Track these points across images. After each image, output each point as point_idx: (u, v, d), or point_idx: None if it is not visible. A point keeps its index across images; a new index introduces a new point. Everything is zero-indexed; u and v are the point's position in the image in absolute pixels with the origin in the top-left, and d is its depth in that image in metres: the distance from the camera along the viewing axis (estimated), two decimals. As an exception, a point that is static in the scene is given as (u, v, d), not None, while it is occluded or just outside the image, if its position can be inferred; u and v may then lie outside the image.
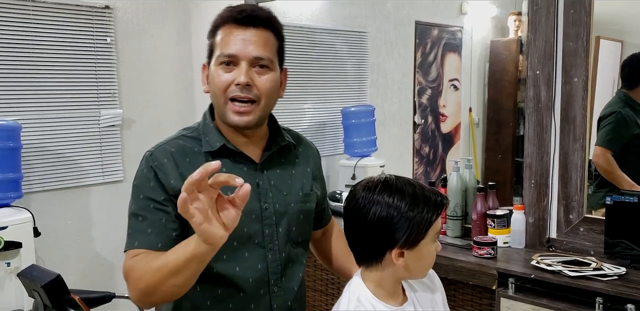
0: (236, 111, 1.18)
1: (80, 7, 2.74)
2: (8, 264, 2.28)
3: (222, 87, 1.17)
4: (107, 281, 2.93)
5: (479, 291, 1.89)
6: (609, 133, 2.08)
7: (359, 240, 1.11)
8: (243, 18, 1.17)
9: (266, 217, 1.24)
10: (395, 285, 1.14)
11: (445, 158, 3.95)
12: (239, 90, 1.16)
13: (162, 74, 3.08)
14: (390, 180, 1.09)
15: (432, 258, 1.12)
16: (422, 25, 3.72)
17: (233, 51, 1.16)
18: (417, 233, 1.05)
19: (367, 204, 1.07)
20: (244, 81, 1.15)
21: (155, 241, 1.15)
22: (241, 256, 1.22)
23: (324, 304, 2.41)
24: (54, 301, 1.70)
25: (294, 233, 1.29)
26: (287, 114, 3.11)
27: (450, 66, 3.95)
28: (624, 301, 1.54)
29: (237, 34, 1.17)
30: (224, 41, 1.17)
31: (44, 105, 2.67)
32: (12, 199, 2.39)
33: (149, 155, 1.22)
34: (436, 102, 3.91)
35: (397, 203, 1.05)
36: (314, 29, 3.23)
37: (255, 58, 1.17)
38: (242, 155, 1.24)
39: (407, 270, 1.09)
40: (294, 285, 1.30)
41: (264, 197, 1.24)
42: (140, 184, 1.20)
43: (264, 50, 1.18)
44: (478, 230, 2.06)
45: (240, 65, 1.16)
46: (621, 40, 2.28)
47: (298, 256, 1.32)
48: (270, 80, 1.20)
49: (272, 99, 1.23)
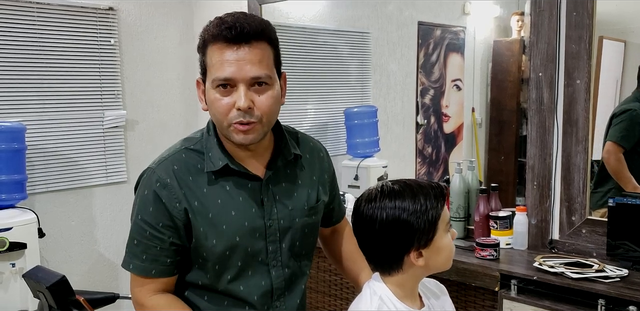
0: (240, 130, 1.14)
1: (84, 9, 2.75)
2: (13, 265, 2.29)
3: (223, 112, 1.13)
4: (111, 281, 2.95)
5: (481, 292, 1.89)
6: (623, 130, 2.08)
7: (374, 251, 1.13)
8: (234, 37, 1.10)
9: (270, 234, 1.23)
10: (415, 286, 1.16)
11: (447, 159, 3.95)
12: (242, 116, 1.12)
13: (166, 75, 3.09)
14: (386, 186, 1.11)
15: (450, 248, 1.13)
16: (425, 26, 3.72)
17: (228, 74, 1.11)
18: (428, 228, 1.07)
19: (373, 213, 1.09)
20: (244, 106, 1.11)
21: (149, 268, 1.19)
22: (245, 276, 1.22)
23: (326, 305, 2.42)
24: (59, 302, 1.72)
25: (297, 247, 1.28)
26: (289, 115, 3.12)
27: (453, 66, 3.95)
28: (626, 303, 1.54)
29: (230, 55, 1.11)
30: (218, 63, 1.12)
31: (48, 107, 2.68)
32: (17, 200, 2.41)
33: (152, 172, 1.20)
34: (439, 103, 3.91)
35: (400, 204, 1.07)
36: (317, 30, 3.23)
37: (252, 78, 1.12)
38: (246, 174, 1.21)
39: (429, 267, 1.11)
40: (297, 298, 1.30)
41: (268, 214, 1.23)
42: (140, 204, 1.20)
43: (259, 68, 1.12)
44: (480, 232, 2.06)
45: (238, 88, 1.12)
46: (624, 40, 2.28)
47: (302, 268, 1.32)
48: (271, 97, 1.16)
49: (275, 114, 1.20)
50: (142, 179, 1.22)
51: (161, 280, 1.21)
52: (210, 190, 1.19)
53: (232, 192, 1.20)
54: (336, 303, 2.39)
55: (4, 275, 2.28)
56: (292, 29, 3.08)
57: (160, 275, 1.20)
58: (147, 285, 1.21)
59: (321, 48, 3.26)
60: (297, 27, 3.11)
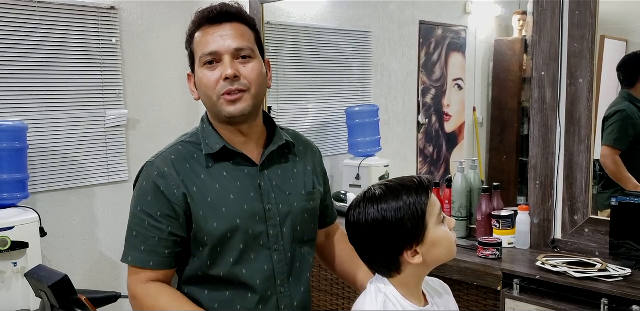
0: (229, 101, 1.19)
1: (86, 8, 2.75)
2: (15, 264, 2.29)
3: (211, 86, 1.19)
4: (112, 281, 2.95)
5: (483, 292, 1.89)
6: (615, 132, 2.08)
7: (369, 256, 1.12)
8: (215, 16, 1.20)
9: (270, 218, 1.25)
10: (418, 285, 1.15)
11: (449, 158, 3.94)
12: (229, 84, 1.18)
13: (167, 74, 3.09)
14: (369, 190, 1.11)
15: (447, 238, 1.10)
16: (426, 25, 3.71)
17: (213, 48, 1.18)
18: (416, 225, 1.05)
19: (361, 218, 1.08)
20: (231, 73, 1.17)
21: (147, 260, 1.20)
22: (247, 259, 1.23)
23: (328, 304, 2.42)
24: (61, 301, 1.72)
25: (299, 232, 1.30)
26: (291, 114, 3.12)
27: (455, 66, 3.95)
28: (630, 302, 1.54)
29: (213, 32, 1.19)
30: (203, 42, 1.20)
31: (49, 106, 2.68)
32: (18, 199, 2.41)
33: (150, 164, 1.24)
34: (440, 102, 3.90)
35: (384, 205, 1.06)
36: (318, 29, 3.23)
37: (236, 49, 1.19)
38: (243, 156, 1.25)
39: (428, 263, 1.09)
40: (301, 286, 1.31)
41: (266, 198, 1.25)
42: (138, 196, 1.23)
43: (242, 40, 1.20)
44: (483, 231, 2.06)
45: (224, 60, 1.18)
46: (626, 40, 2.28)
47: (304, 255, 1.32)
48: (256, 69, 1.21)
49: (262, 87, 1.24)
50: (141, 173, 1.25)
51: (158, 272, 1.22)
52: (208, 176, 1.22)
53: (230, 178, 1.23)
54: (338, 302, 2.39)
55: (5, 274, 2.28)
56: (293, 28, 3.08)
57: (158, 267, 1.21)
58: (142, 274, 1.21)
59: (323, 47, 3.26)
60: (299, 26, 3.11)
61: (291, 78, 3.11)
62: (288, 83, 3.09)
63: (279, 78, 3.00)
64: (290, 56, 3.08)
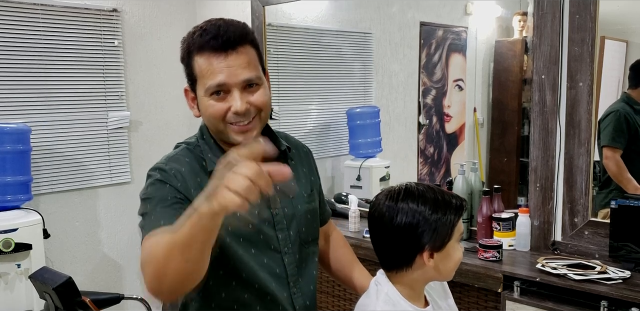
0: (239, 131, 1.17)
1: (88, 10, 2.76)
2: (18, 265, 2.30)
3: (219, 116, 1.16)
4: (115, 282, 2.96)
5: (484, 294, 1.90)
6: (611, 132, 2.10)
7: (387, 247, 1.15)
8: (220, 45, 1.13)
9: (278, 222, 1.26)
10: (422, 288, 1.18)
11: (449, 159, 3.95)
12: (240, 117, 1.15)
13: (169, 76, 3.10)
14: (411, 188, 1.13)
15: (458, 258, 1.15)
16: (427, 26, 3.72)
17: (221, 80, 1.13)
18: (443, 235, 1.10)
19: (392, 212, 1.11)
20: (242, 110, 1.14)
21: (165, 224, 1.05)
22: (261, 263, 1.24)
23: (330, 306, 2.43)
24: (65, 303, 1.73)
25: (304, 233, 1.31)
26: (292, 115, 3.13)
27: (455, 66, 3.95)
28: (629, 304, 1.55)
29: (219, 62, 1.13)
30: (209, 72, 1.14)
31: (52, 108, 2.69)
32: (22, 201, 2.42)
33: (163, 166, 1.19)
34: (441, 103, 3.91)
35: (421, 208, 1.10)
36: (320, 31, 3.24)
37: (244, 81, 1.15)
38: None
39: (437, 270, 1.13)
40: (310, 284, 1.33)
41: (273, 204, 1.26)
42: (150, 194, 1.16)
43: (250, 70, 1.15)
44: (483, 233, 2.08)
45: (233, 92, 1.14)
46: (626, 40, 2.28)
47: (310, 255, 1.34)
48: (264, 95, 1.19)
49: (269, 108, 1.23)
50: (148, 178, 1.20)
51: None
52: None
53: None
54: (339, 303, 2.40)
55: (9, 275, 2.29)
56: (295, 30, 3.09)
57: None
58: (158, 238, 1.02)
59: (324, 49, 3.27)
60: (300, 28, 3.12)
61: (292, 79, 3.12)
62: (289, 85, 3.10)
63: (280, 80, 3.01)
64: (292, 58, 3.09)
